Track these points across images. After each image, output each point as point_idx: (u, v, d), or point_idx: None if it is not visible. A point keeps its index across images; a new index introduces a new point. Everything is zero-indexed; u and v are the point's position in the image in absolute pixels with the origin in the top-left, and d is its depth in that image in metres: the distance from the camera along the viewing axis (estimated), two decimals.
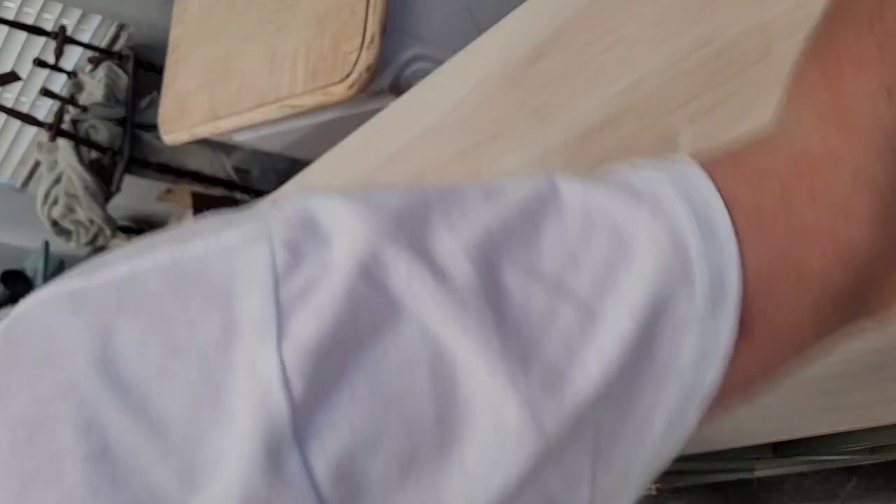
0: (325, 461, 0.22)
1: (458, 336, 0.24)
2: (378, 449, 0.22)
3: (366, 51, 0.99)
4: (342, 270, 0.24)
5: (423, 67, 1.07)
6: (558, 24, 0.66)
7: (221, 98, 1.26)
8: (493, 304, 0.24)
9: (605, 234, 0.26)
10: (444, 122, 0.75)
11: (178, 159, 1.99)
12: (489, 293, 0.24)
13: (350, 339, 0.23)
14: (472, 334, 0.24)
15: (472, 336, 0.24)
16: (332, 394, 0.22)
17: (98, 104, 1.94)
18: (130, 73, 2.03)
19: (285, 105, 1.12)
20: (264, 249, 0.24)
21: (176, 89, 1.41)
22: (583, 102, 0.62)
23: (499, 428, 0.23)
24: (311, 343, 0.23)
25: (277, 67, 1.14)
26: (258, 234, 0.25)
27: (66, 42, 1.99)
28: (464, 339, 0.24)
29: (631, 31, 0.60)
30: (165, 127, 1.41)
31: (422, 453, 0.23)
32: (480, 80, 0.72)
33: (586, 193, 0.27)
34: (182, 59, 1.43)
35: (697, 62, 0.55)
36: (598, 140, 0.60)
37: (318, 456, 0.22)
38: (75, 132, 1.88)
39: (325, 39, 1.06)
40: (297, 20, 1.13)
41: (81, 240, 1.96)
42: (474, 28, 1.12)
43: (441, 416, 0.23)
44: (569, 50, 0.64)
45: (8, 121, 2.40)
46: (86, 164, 1.87)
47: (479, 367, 0.23)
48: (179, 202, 2.60)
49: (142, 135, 1.96)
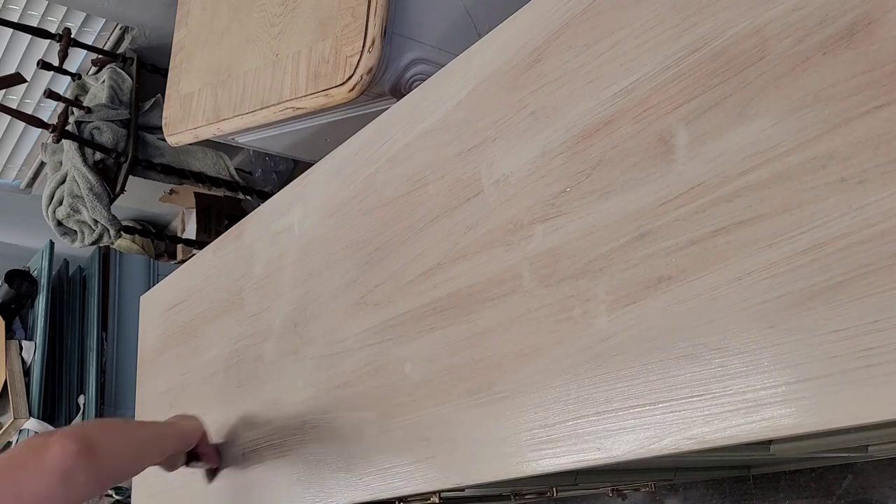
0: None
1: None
2: None
3: (367, 54, 1.00)
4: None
5: (423, 70, 1.08)
6: (556, 27, 0.66)
7: (224, 100, 1.27)
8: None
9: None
10: (444, 124, 0.76)
11: (181, 160, 2.00)
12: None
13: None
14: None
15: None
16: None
17: (102, 106, 1.95)
18: (134, 76, 2.04)
19: (287, 107, 1.13)
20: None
21: (179, 91, 1.42)
22: (580, 104, 0.63)
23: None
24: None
25: (280, 70, 1.15)
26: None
27: (70, 44, 2.00)
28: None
29: (628, 33, 0.60)
30: (169, 128, 1.42)
31: None
32: (479, 83, 0.73)
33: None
34: (185, 61, 1.44)
35: (694, 64, 0.56)
36: (596, 141, 0.61)
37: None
38: (79, 134, 1.89)
39: (327, 43, 1.06)
40: (299, 23, 1.14)
41: (86, 240, 1.97)
42: (474, 31, 1.13)
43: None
44: (567, 53, 0.65)
45: (13, 122, 2.41)
46: (90, 165, 1.88)
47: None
48: (183, 203, 2.60)
49: (145, 136, 1.97)
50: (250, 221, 1.06)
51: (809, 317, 0.46)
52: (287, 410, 0.89)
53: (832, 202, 0.46)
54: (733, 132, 0.52)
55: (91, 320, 2.15)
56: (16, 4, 2.10)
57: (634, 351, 0.55)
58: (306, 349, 0.89)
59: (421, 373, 0.72)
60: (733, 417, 0.48)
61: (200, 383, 1.08)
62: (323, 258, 0.90)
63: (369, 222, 0.83)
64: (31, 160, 2.60)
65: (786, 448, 0.73)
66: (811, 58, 0.49)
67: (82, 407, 2.05)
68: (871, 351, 0.43)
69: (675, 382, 0.52)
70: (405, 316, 0.75)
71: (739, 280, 0.50)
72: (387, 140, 0.84)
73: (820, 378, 0.45)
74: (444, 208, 0.74)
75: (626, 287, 0.56)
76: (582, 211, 0.61)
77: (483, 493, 0.92)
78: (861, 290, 0.44)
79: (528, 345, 0.63)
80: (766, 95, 0.51)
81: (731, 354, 0.49)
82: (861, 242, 0.45)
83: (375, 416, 0.76)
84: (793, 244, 0.47)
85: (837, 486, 0.91)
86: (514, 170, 0.67)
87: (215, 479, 0.99)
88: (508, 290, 0.65)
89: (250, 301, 1.01)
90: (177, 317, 1.18)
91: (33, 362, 2.06)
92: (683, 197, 0.54)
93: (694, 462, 0.90)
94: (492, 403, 0.65)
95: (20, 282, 2.16)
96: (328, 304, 0.87)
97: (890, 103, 0.45)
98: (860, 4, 0.47)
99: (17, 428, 1.97)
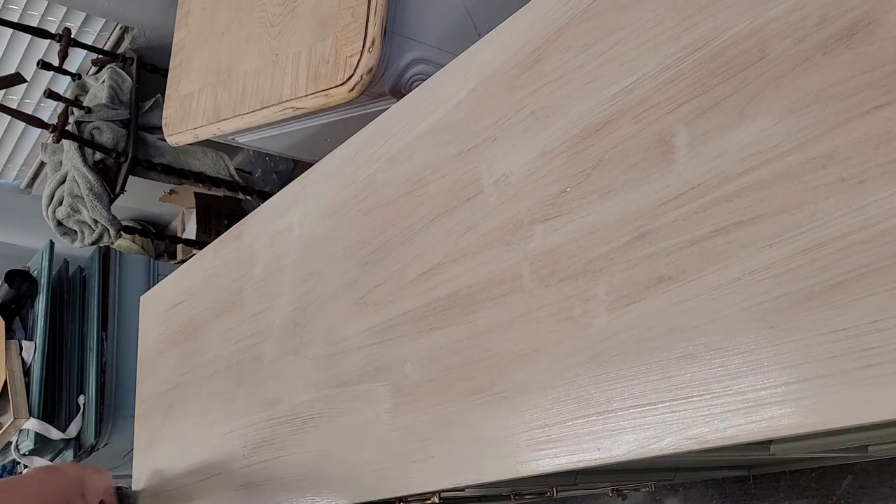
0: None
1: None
2: None
3: (367, 54, 1.00)
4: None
5: (423, 70, 1.08)
6: (556, 27, 0.66)
7: (224, 100, 1.27)
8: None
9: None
10: (444, 124, 0.76)
11: (181, 160, 2.00)
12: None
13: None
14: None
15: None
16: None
17: (102, 106, 1.95)
18: (134, 76, 2.04)
19: (287, 107, 1.13)
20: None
21: (179, 91, 1.42)
22: (580, 104, 0.63)
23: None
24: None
25: (279, 70, 1.15)
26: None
27: (70, 44, 2.00)
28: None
29: (628, 33, 0.60)
30: (169, 128, 1.42)
31: None
32: (480, 83, 0.73)
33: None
34: (185, 61, 1.44)
35: (694, 64, 0.56)
36: (596, 141, 0.61)
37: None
38: (79, 134, 1.89)
39: (327, 43, 1.06)
40: (299, 23, 1.14)
41: (86, 240, 1.97)
42: (474, 32, 1.13)
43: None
44: (567, 53, 0.65)
45: (13, 122, 2.41)
46: (90, 165, 1.88)
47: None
48: (183, 203, 2.60)
49: (145, 136, 1.97)
50: (250, 221, 1.06)
51: (809, 317, 0.46)
52: (287, 410, 0.89)
53: (832, 202, 0.46)
54: (733, 132, 0.52)
55: (91, 320, 2.15)
56: (16, 4, 2.10)
57: (634, 351, 0.55)
58: (306, 349, 0.89)
59: (421, 373, 0.72)
60: (733, 417, 0.48)
61: (200, 383, 1.08)
62: (323, 258, 0.90)
63: (369, 222, 0.83)
64: (31, 160, 2.60)
65: (786, 448, 0.73)
66: (811, 58, 0.49)
67: (82, 407, 2.05)
68: (871, 351, 0.43)
69: (675, 382, 0.52)
70: (405, 316, 0.75)
71: (739, 280, 0.50)
72: (387, 140, 0.84)
73: (820, 378, 0.45)
74: (444, 208, 0.74)
75: (626, 287, 0.56)
76: (582, 211, 0.61)
77: (483, 493, 0.92)
78: (861, 290, 0.44)
79: (528, 345, 0.63)
80: (766, 95, 0.51)
81: (731, 354, 0.49)
82: (861, 242, 0.45)
83: (375, 416, 0.76)
84: (793, 244, 0.47)
85: (837, 486, 0.91)
86: (514, 170, 0.67)
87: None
88: (508, 290, 0.65)
89: (250, 301, 1.01)
90: (177, 317, 1.18)
91: (33, 362, 2.06)
92: (683, 197, 0.54)
93: (694, 462, 0.90)
94: (492, 403, 0.65)
95: (20, 282, 2.16)
96: (328, 304, 0.87)
97: (890, 103, 0.45)
98: (860, 4, 0.47)
99: (16, 428, 1.97)
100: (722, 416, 0.49)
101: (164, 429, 1.14)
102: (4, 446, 2.03)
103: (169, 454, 1.11)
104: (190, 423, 1.08)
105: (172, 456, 1.10)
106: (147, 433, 1.18)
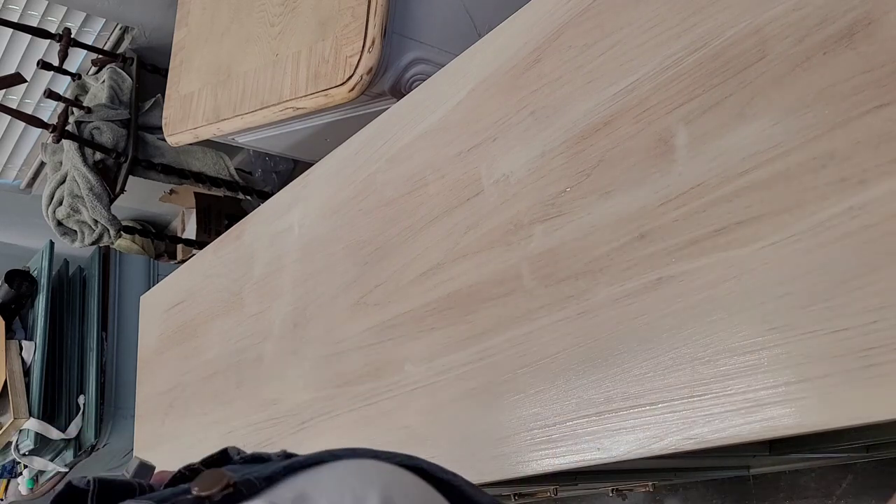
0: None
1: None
2: None
3: (367, 54, 1.00)
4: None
5: (423, 70, 1.08)
6: (556, 27, 0.66)
7: (224, 100, 1.27)
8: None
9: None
10: (444, 124, 0.76)
11: (181, 160, 2.00)
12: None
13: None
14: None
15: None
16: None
17: (102, 106, 1.95)
18: (134, 76, 2.03)
19: (287, 107, 1.13)
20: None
21: (179, 91, 1.42)
22: (580, 104, 0.63)
23: None
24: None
25: (279, 70, 1.15)
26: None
27: (70, 44, 2.00)
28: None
29: (628, 33, 0.60)
30: (169, 128, 1.41)
31: None
32: (479, 83, 0.73)
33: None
34: (185, 61, 1.44)
35: (693, 64, 0.56)
36: (596, 141, 0.61)
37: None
38: (79, 134, 1.89)
39: (327, 43, 1.06)
40: (299, 23, 1.14)
41: (86, 240, 1.97)
42: (474, 32, 1.13)
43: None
44: (567, 53, 0.65)
45: (13, 122, 2.41)
46: (90, 165, 1.88)
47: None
48: (183, 203, 2.60)
49: (145, 136, 1.97)
50: (250, 221, 1.06)
51: (809, 317, 0.46)
52: (287, 410, 0.89)
53: (832, 202, 0.46)
54: (733, 132, 0.52)
55: (91, 320, 2.15)
56: (16, 4, 2.10)
57: (634, 351, 0.55)
58: (306, 349, 0.89)
59: (421, 373, 0.72)
60: (733, 417, 0.48)
61: (200, 383, 1.08)
62: (323, 258, 0.90)
63: (369, 222, 0.83)
64: (31, 160, 2.60)
65: (785, 448, 0.73)
66: (811, 58, 0.49)
67: (82, 407, 2.05)
68: (871, 351, 0.43)
69: (675, 382, 0.52)
70: (405, 316, 0.75)
71: (739, 280, 0.50)
72: (387, 140, 0.84)
73: (820, 378, 0.45)
74: (445, 208, 0.74)
75: (625, 287, 0.56)
76: (582, 211, 0.61)
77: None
78: (861, 290, 0.44)
79: (528, 345, 0.63)
80: (767, 95, 0.51)
81: (731, 354, 0.49)
82: (861, 242, 0.45)
83: (375, 415, 0.76)
84: (793, 244, 0.47)
85: (837, 486, 0.91)
86: (514, 170, 0.67)
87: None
88: (508, 290, 0.65)
89: (250, 301, 1.01)
90: (177, 317, 1.18)
91: (33, 362, 2.06)
92: (683, 197, 0.54)
93: (694, 462, 0.90)
94: (491, 403, 0.65)
95: (20, 282, 2.16)
96: (328, 304, 0.87)
97: (890, 103, 0.45)
98: (860, 4, 0.47)
99: (17, 428, 1.96)
100: (722, 416, 0.49)
101: (164, 429, 1.14)
102: (4, 446, 2.03)
103: (169, 454, 1.11)
104: (190, 424, 1.08)
105: (172, 456, 1.10)
106: (147, 433, 1.18)
